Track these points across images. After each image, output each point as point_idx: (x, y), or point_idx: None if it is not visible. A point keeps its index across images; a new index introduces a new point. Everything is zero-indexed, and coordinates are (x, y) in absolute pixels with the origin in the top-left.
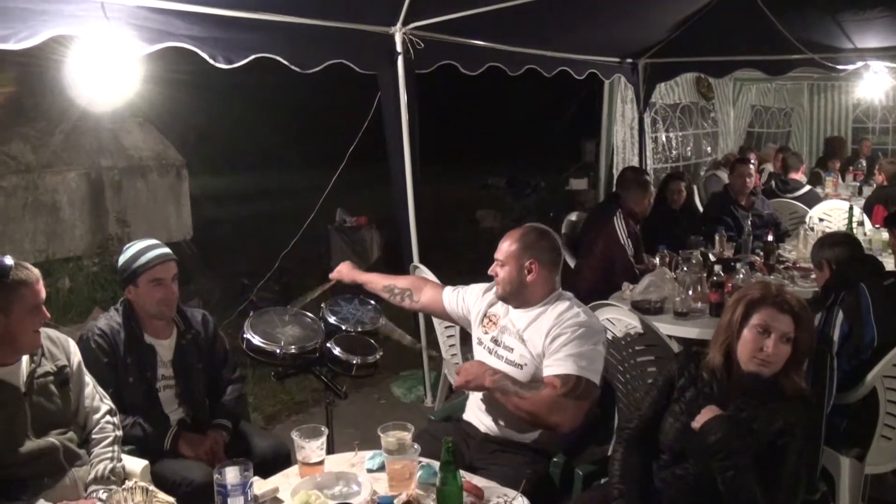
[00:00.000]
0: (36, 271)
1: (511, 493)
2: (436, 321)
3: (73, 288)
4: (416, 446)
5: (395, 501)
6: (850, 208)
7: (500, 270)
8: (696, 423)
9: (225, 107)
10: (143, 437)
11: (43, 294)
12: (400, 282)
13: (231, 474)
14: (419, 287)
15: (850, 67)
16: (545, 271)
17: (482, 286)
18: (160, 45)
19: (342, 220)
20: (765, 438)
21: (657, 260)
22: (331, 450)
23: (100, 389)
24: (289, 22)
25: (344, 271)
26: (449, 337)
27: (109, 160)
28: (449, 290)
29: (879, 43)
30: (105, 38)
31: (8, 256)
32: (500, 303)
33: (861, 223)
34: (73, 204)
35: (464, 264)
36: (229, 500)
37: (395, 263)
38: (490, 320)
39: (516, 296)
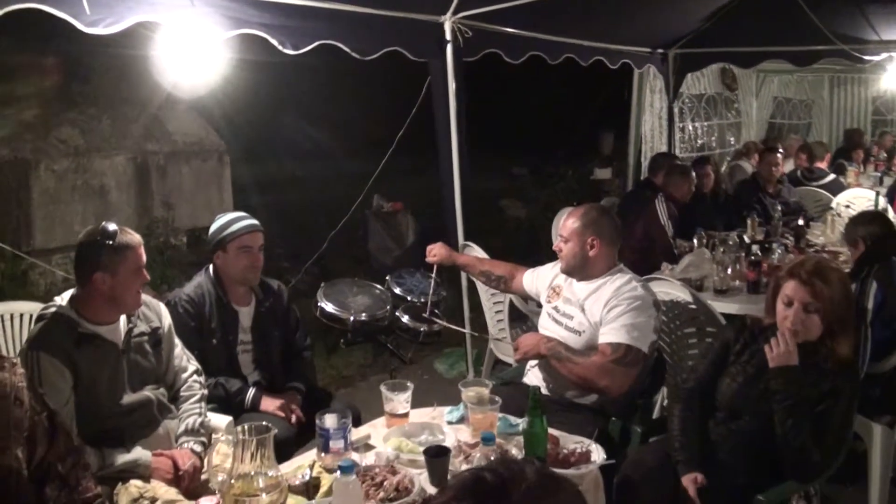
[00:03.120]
0: (138, 236)
1: (585, 440)
2: (483, 298)
3: None
4: (497, 398)
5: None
6: (877, 195)
7: (563, 246)
8: (771, 348)
9: (266, 97)
10: (224, 397)
11: (144, 257)
12: (497, 269)
13: (330, 420)
14: (513, 275)
15: (876, 59)
16: (606, 247)
17: (553, 263)
18: (235, 31)
19: (379, 205)
20: (814, 397)
21: (694, 242)
22: None
23: (187, 351)
24: (349, 11)
25: (443, 253)
26: (497, 313)
27: (155, 145)
28: (528, 273)
29: None
30: (189, 24)
31: (112, 223)
32: (563, 275)
33: (885, 210)
34: (120, 187)
35: (490, 251)
36: (331, 443)
37: None
38: (555, 291)
39: (579, 269)
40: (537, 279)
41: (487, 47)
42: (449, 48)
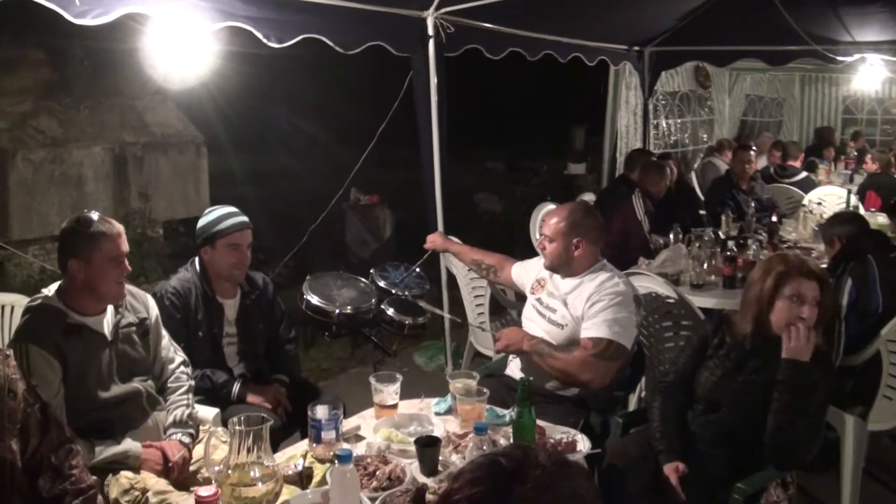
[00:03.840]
0: (118, 226)
1: (571, 431)
2: (464, 293)
3: None
4: (485, 390)
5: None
6: (848, 192)
7: (547, 245)
8: (788, 342)
9: (245, 89)
10: (210, 389)
11: (124, 248)
12: (487, 259)
13: (321, 411)
14: (502, 265)
15: (849, 59)
16: (590, 246)
17: (540, 256)
18: (222, 24)
19: (356, 198)
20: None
21: (671, 237)
22: None
23: (174, 343)
24: (333, 5)
25: (438, 241)
26: (478, 306)
27: (132, 136)
28: (517, 265)
29: (877, 36)
30: (176, 16)
31: (94, 212)
32: None
33: (855, 208)
34: (97, 178)
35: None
36: (323, 434)
37: (407, 241)
38: (539, 284)
39: (563, 267)
40: (524, 271)
41: (469, 43)
42: (431, 43)
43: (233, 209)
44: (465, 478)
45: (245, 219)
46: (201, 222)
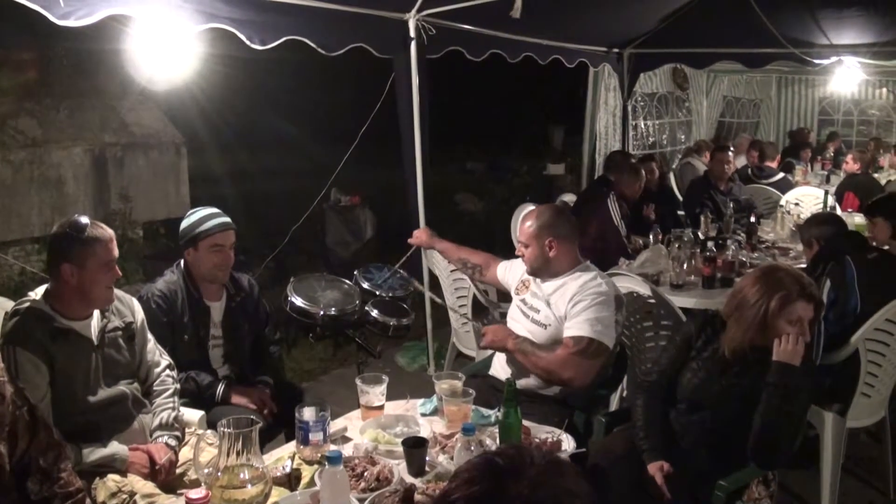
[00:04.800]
0: (110, 231)
1: (556, 430)
2: (447, 294)
3: None
4: (470, 391)
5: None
6: (826, 193)
7: (524, 251)
8: (779, 346)
9: (227, 90)
10: (196, 391)
11: (115, 252)
12: (473, 257)
13: (309, 413)
14: (488, 264)
15: (825, 62)
16: (565, 245)
17: None
18: (205, 25)
19: (337, 199)
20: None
21: (651, 238)
22: None
23: (159, 346)
24: (316, 7)
25: (424, 238)
26: (461, 306)
27: (112, 137)
28: (502, 265)
29: (853, 39)
30: (160, 18)
31: (84, 216)
32: None
33: (833, 208)
34: (77, 179)
35: None
36: (310, 436)
37: (389, 242)
38: (524, 284)
39: (544, 269)
40: (508, 272)
41: (450, 45)
42: (413, 45)
43: (215, 210)
44: (461, 477)
45: (227, 219)
46: (184, 224)
